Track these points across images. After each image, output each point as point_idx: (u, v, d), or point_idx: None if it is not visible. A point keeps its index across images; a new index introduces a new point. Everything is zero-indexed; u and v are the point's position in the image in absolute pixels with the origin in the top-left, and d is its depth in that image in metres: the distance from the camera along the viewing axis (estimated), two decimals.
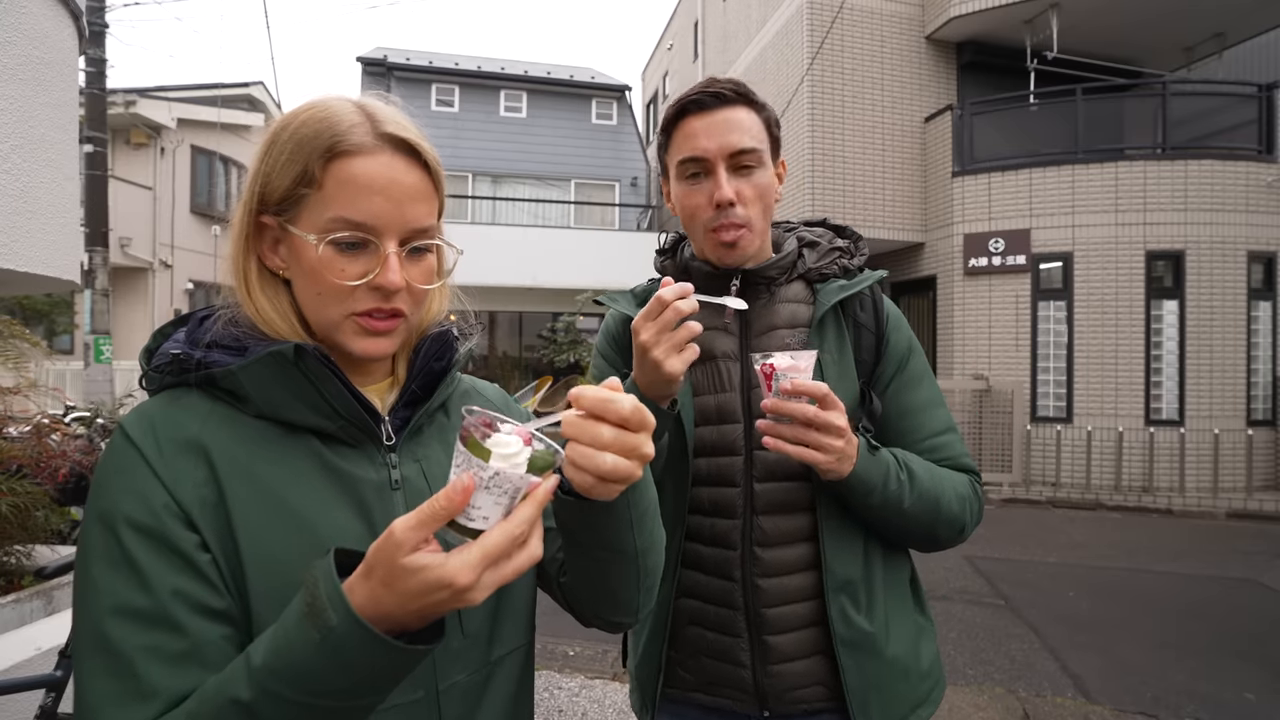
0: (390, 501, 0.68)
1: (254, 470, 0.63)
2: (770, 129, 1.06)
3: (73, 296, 9.94)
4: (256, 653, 0.52)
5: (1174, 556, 5.70)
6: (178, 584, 0.57)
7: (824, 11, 9.48)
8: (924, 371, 1.12)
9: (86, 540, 0.59)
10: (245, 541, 0.60)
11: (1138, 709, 3.15)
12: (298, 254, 0.66)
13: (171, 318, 0.74)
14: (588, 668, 3.44)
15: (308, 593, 0.52)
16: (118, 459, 0.61)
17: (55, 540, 2.98)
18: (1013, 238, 8.63)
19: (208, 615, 0.57)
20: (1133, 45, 9.94)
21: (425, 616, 0.53)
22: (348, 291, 0.65)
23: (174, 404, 0.65)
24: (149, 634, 0.55)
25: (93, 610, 0.56)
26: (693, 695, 1.11)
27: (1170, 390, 8.21)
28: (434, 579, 0.50)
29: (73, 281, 3.21)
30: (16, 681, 1.69)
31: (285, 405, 0.65)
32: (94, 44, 6.79)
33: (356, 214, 0.63)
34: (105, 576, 0.56)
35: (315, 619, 0.50)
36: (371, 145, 0.64)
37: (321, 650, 0.50)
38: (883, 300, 1.13)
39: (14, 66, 2.64)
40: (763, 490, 1.04)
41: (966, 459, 1.11)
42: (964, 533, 1.08)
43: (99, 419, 4.27)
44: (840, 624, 1.03)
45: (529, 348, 14.47)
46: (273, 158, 0.66)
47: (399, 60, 16.44)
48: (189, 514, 0.59)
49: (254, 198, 0.67)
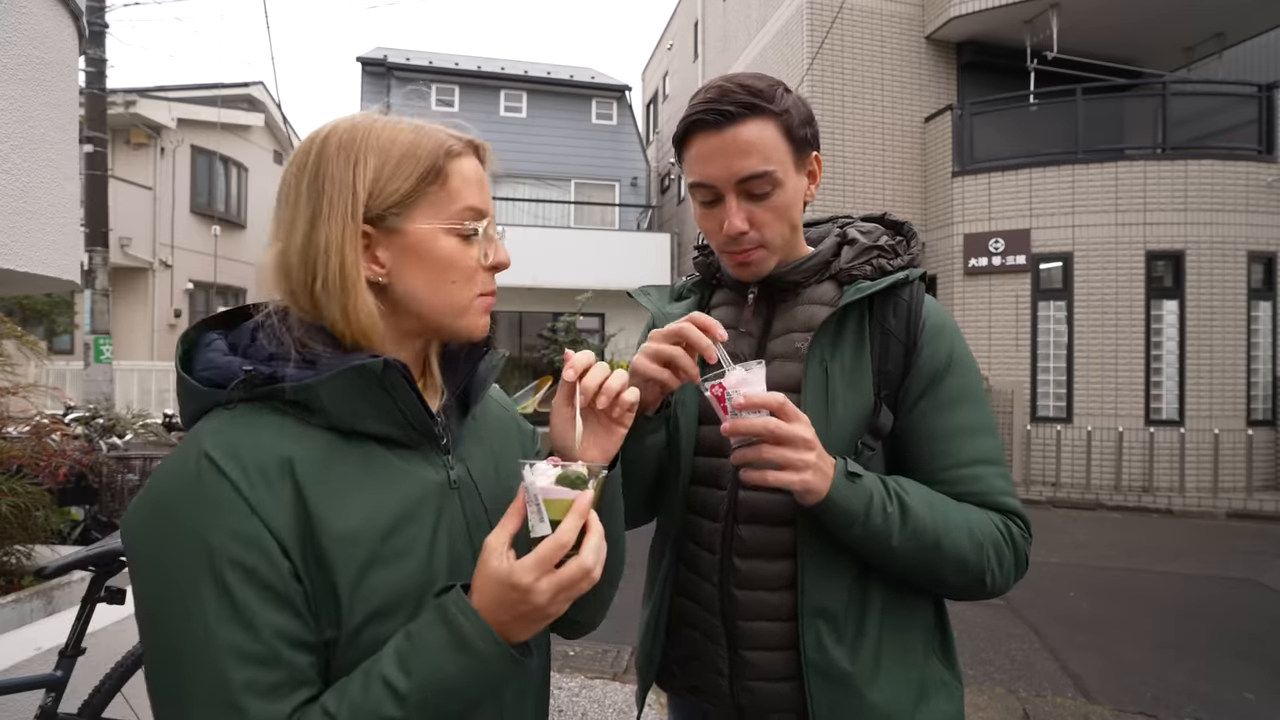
0: (451, 501, 0.72)
1: (333, 482, 0.64)
2: (791, 134, 0.96)
3: (73, 296, 9.93)
4: (396, 676, 0.60)
5: (1174, 556, 5.70)
6: (279, 624, 0.59)
7: (824, 11, 9.48)
8: (965, 393, 0.99)
9: (180, 572, 0.58)
10: (333, 554, 0.62)
11: (1138, 709, 3.15)
12: (420, 250, 0.69)
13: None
14: (588, 668, 3.44)
15: (447, 626, 0.62)
16: (206, 489, 0.60)
17: (55, 540, 2.98)
18: (1013, 238, 8.63)
19: (301, 648, 0.61)
20: (1133, 45, 9.95)
21: (511, 629, 0.64)
22: (476, 273, 0.72)
23: (251, 423, 0.64)
24: (253, 670, 0.57)
25: (198, 646, 0.57)
26: (687, 695, 1.11)
27: (1170, 390, 8.21)
28: (506, 579, 0.61)
29: (73, 281, 3.21)
30: (16, 681, 1.69)
31: (359, 415, 0.66)
32: (94, 44, 6.79)
33: (480, 204, 0.73)
34: (211, 618, 0.57)
35: (464, 647, 0.61)
36: (467, 148, 0.73)
37: (471, 672, 0.61)
38: (921, 306, 1.01)
39: (14, 66, 2.64)
40: (746, 497, 0.99)
41: (1004, 498, 0.97)
42: (987, 584, 0.94)
43: (98, 419, 4.27)
44: (813, 650, 0.95)
45: (529, 348, 14.45)
46: (373, 165, 0.67)
47: (399, 60, 16.43)
48: (283, 543, 0.60)
49: (358, 205, 0.67)
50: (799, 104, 0.98)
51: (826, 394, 0.97)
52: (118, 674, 1.87)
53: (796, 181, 0.99)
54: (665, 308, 1.14)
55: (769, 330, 1.06)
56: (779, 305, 1.06)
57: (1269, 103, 8.49)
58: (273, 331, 0.68)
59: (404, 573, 0.66)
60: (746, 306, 1.07)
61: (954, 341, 1.01)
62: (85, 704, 1.82)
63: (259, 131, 15.31)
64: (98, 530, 3.60)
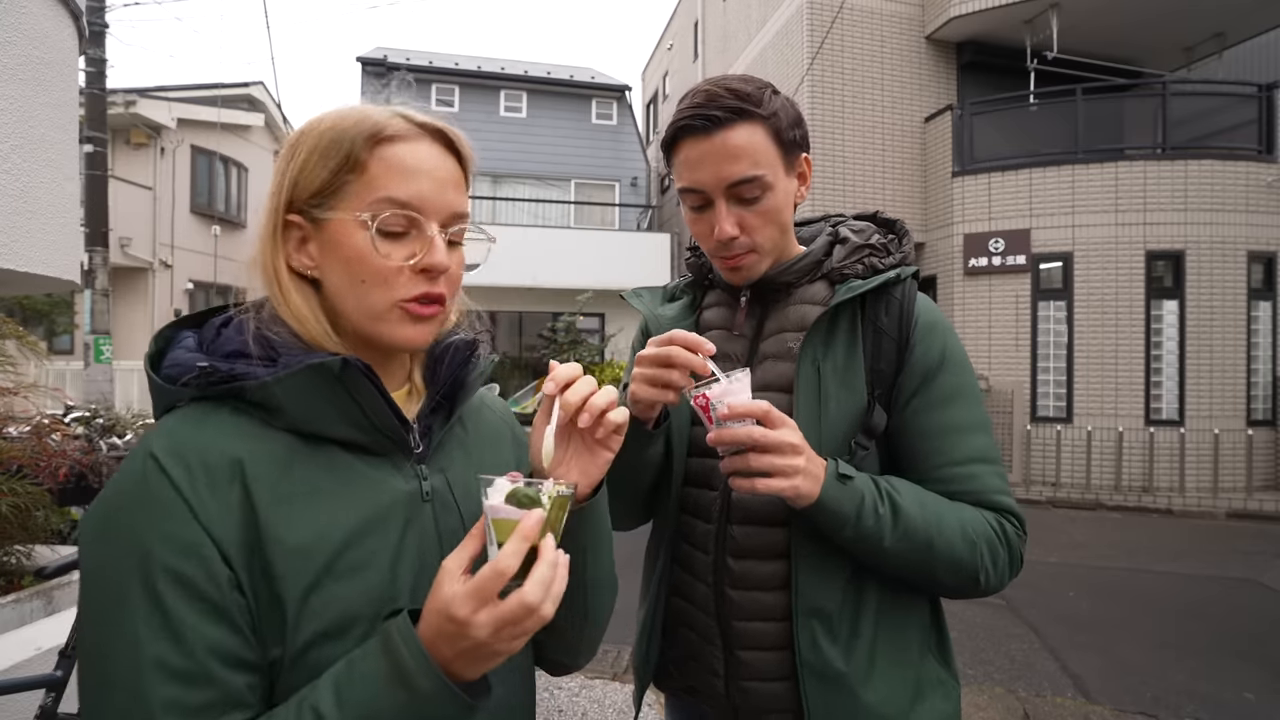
0: (423, 513, 0.68)
1: (288, 488, 0.60)
2: (780, 137, 0.95)
3: (73, 296, 9.93)
4: (330, 708, 0.54)
5: (1174, 556, 5.70)
6: (213, 638, 0.55)
7: (824, 11, 9.48)
8: (958, 390, 0.98)
9: (114, 576, 0.55)
10: (281, 565, 0.58)
11: (1138, 709, 3.15)
12: (336, 243, 0.64)
13: (172, 318, 0.73)
14: (587, 668, 3.43)
15: (388, 657, 0.55)
16: (149, 490, 0.56)
17: (55, 540, 2.98)
18: (1013, 238, 8.63)
19: (238, 667, 0.56)
20: (1133, 45, 9.95)
21: (457, 666, 0.57)
22: (395, 275, 0.64)
23: (202, 423, 0.61)
24: (177, 688, 0.53)
25: (121, 656, 0.53)
26: (684, 696, 1.10)
27: (1170, 390, 8.21)
28: (444, 609, 0.55)
29: (73, 281, 3.21)
30: (16, 681, 1.69)
31: (321, 418, 0.63)
32: (94, 44, 6.79)
33: (403, 193, 0.64)
34: (140, 628, 0.53)
35: (403, 682, 0.54)
36: (413, 132, 0.66)
37: (409, 709, 0.55)
38: (914, 304, 1.00)
39: (14, 66, 2.64)
40: (739, 499, 0.99)
41: (999, 496, 0.96)
42: (981, 582, 0.93)
43: (98, 419, 4.26)
44: (808, 650, 0.94)
45: (529, 348, 14.46)
46: (304, 154, 0.65)
47: (399, 60, 16.43)
48: (225, 551, 0.56)
49: (282, 195, 0.65)
50: (787, 106, 0.98)
51: (819, 393, 0.96)
52: None
53: (786, 184, 0.98)
54: (657, 310, 1.14)
55: (761, 331, 1.05)
56: (771, 305, 1.06)
57: (1269, 103, 8.48)
58: (238, 327, 0.65)
59: (359, 589, 0.61)
60: (739, 310, 1.07)
61: (947, 339, 1.00)
62: None
63: (259, 131, 15.31)
64: None
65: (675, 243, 14.62)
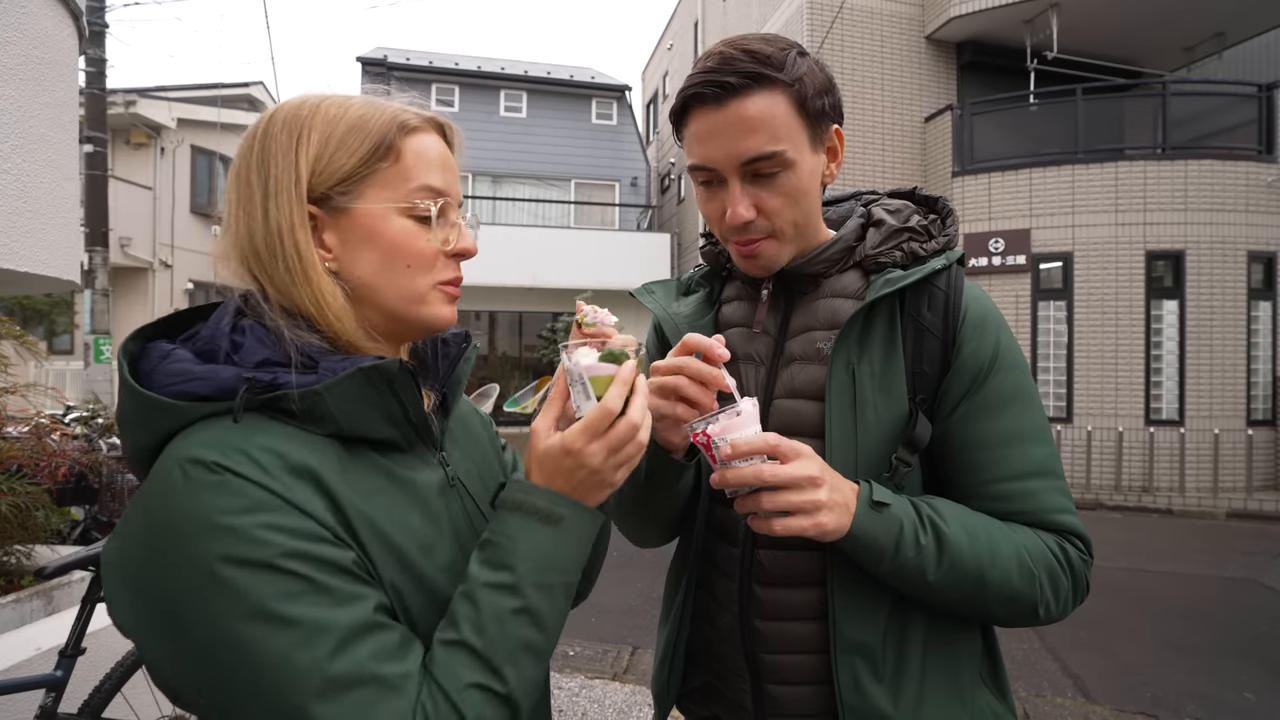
0: (452, 499, 0.70)
1: (359, 490, 0.59)
2: (805, 106, 0.82)
3: (73, 296, 9.94)
4: (497, 575, 0.60)
5: (1174, 556, 5.70)
6: (369, 594, 0.56)
7: (824, 11, 9.48)
8: (1015, 394, 0.85)
9: (235, 591, 0.50)
10: (382, 565, 0.59)
11: (1138, 709, 3.15)
12: (371, 231, 0.63)
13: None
14: (588, 668, 3.43)
15: (521, 510, 0.63)
16: (229, 499, 0.51)
17: (55, 540, 2.98)
18: (1013, 238, 8.63)
19: (390, 613, 0.58)
20: (1133, 45, 9.95)
21: (581, 497, 0.65)
22: (435, 259, 0.67)
23: (252, 431, 0.56)
24: (372, 641, 0.53)
25: (312, 656, 0.50)
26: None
27: (1170, 390, 8.21)
28: (558, 449, 0.63)
29: (73, 281, 3.21)
30: (16, 681, 1.69)
31: (365, 420, 0.61)
32: (94, 44, 6.79)
33: (439, 183, 0.66)
34: (312, 613, 0.51)
35: (548, 520, 0.63)
36: (425, 124, 0.68)
37: (562, 536, 0.63)
38: (961, 296, 0.87)
39: (14, 66, 2.64)
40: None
41: (1060, 516, 0.83)
42: (1041, 615, 0.82)
43: (98, 419, 4.26)
44: (850, 693, 0.83)
45: (529, 348, 14.46)
46: (316, 140, 0.62)
47: (399, 60, 16.43)
48: (335, 532, 0.55)
49: (301, 186, 0.61)
50: (815, 70, 0.84)
51: (855, 402, 0.84)
52: (118, 674, 1.87)
53: (812, 160, 0.85)
54: (671, 307, 1.03)
55: (787, 327, 0.93)
56: (798, 298, 0.93)
57: (1269, 103, 8.48)
58: (256, 333, 0.60)
59: (445, 581, 0.64)
60: (761, 305, 0.94)
61: (1000, 334, 0.87)
62: (85, 704, 1.82)
63: None
64: (98, 530, 3.60)
65: (675, 243, 14.63)
